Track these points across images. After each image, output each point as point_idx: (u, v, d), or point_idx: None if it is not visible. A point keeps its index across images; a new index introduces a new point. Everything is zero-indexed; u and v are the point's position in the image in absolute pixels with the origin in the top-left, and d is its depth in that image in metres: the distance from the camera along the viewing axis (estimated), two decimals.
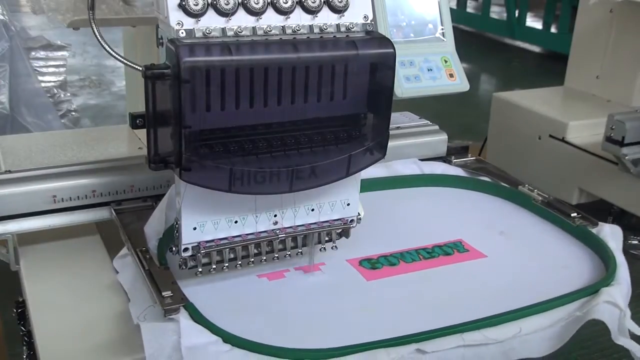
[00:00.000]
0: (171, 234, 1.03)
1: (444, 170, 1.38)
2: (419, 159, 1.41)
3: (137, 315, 0.86)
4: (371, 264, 1.05)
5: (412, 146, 1.42)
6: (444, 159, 1.43)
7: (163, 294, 0.85)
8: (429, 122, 1.52)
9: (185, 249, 0.90)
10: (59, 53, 3.66)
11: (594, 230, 1.13)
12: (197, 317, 0.84)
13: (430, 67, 1.22)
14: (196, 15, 0.80)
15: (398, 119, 1.51)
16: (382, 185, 1.31)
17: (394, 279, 1.02)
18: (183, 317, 0.83)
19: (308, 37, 0.86)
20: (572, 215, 1.16)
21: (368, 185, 1.19)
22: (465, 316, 0.89)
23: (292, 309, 0.94)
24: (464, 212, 1.26)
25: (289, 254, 0.99)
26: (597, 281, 1.00)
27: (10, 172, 1.14)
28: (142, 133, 1.19)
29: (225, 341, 0.81)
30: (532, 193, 1.26)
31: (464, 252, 1.10)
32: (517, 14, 6.07)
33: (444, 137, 1.46)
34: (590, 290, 0.96)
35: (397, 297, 0.98)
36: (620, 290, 0.96)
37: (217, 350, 0.80)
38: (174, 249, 0.91)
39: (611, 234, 1.11)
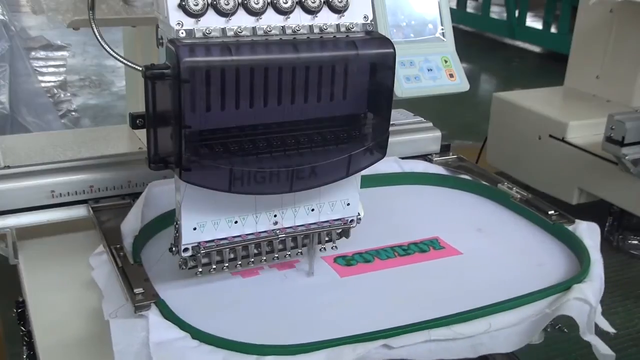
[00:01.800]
0: (146, 233, 1.04)
1: (425, 169, 1.38)
2: (413, 157, 1.41)
3: (109, 312, 0.86)
4: (346, 261, 1.05)
5: (407, 143, 1.42)
6: (425, 157, 1.43)
7: (135, 290, 0.86)
8: (423, 119, 1.52)
9: (185, 249, 0.90)
10: (59, 53, 3.66)
11: (571, 228, 1.13)
12: (168, 313, 0.84)
13: (430, 67, 1.22)
14: (196, 15, 0.80)
15: (393, 116, 1.51)
16: (362, 184, 1.30)
17: (368, 275, 1.02)
18: (153, 313, 0.83)
19: (308, 37, 0.86)
20: (550, 212, 1.17)
21: None
22: (436, 312, 0.88)
23: (264, 306, 0.94)
24: (443, 209, 1.26)
25: (289, 254, 0.99)
26: (569, 278, 1.00)
27: (9, 167, 1.15)
28: (142, 133, 1.19)
29: (193, 337, 0.82)
30: (511, 191, 1.26)
31: (440, 249, 1.10)
32: (517, 14, 6.07)
33: (438, 134, 1.46)
34: (563, 287, 0.96)
35: (369, 293, 0.98)
36: (592, 287, 0.96)
37: (185, 346, 0.80)
38: (174, 249, 0.91)
39: (587, 231, 1.11)
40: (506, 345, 0.89)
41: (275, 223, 0.94)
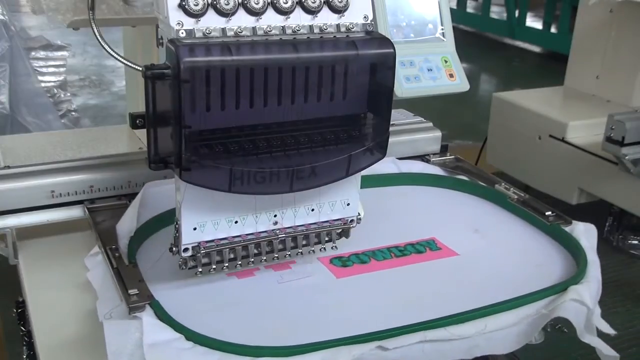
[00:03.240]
0: (142, 233, 1.04)
1: (422, 169, 1.38)
2: (412, 157, 1.41)
3: (103, 314, 0.86)
4: (342, 262, 1.05)
5: (407, 143, 1.42)
6: (423, 158, 1.43)
7: (129, 291, 0.86)
8: (423, 119, 1.52)
9: (186, 249, 0.90)
10: (59, 53, 3.66)
11: (568, 229, 1.12)
12: (162, 314, 0.84)
13: (430, 67, 1.22)
14: (196, 15, 0.80)
15: (393, 116, 1.51)
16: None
17: (364, 276, 1.02)
18: (147, 314, 0.83)
19: (308, 37, 0.86)
20: (547, 213, 1.16)
21: None
22: (433, 314, 0.88)
23: (260, 307, 0.93)
24: (440, 210, 1.26)
25: (289, 254, 0.99)
26: (566, 279, 1.00)
27: (9, 167, 1.15)
28: (142, 133, 1.19)
29: (187, 339, 0.81)
30: (508, 192, 1.25)
31: (437, 250, 1.10)
32: (517, 14, 6.07)
33: (438, 134, 1.46)
34: (559, 289, 0.96)
35: (365, 294, 0.98)
36: (589, 288, 0.95)
37: (179, 348, 0.80)
38: (174, 249, 0.91)
39: (585, 232, 1.10)
40: (502, 346, 0.89)
41: (275, 223, 0.94)
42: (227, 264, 0.94)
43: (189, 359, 0.79)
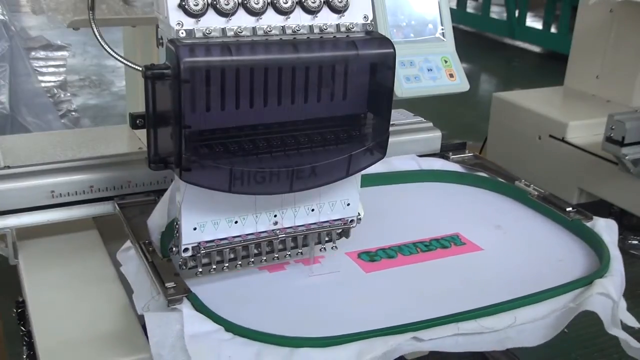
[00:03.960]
0: (173, 228, 1.04)
1: (442, 166, 1.40)
2: (428, 155, 1.43)
3: (141, 306, 0.88)
4: (370, 257, 1.06)
5: (407, 143, 1.43)
6: (442, 155, 1.44)
7: (166, 285, 0.86)
8: (423, 119, 1.53)
9: (186, 249, 0.90)
10: (59, 53, 3.66)
11: (589, 224, 1.14)
12: (200, 307, 0.85)
13: (430, 67, 1.22)
14: (196, 15, 0.80)
15: (393, 116, 1.51)
16: (381, 181, 1.32)
17: (392, 271, 1.04)
18: (186, 307, 0.84)
19: (308, 37, 0.86)
20: (568, 209, 1.18)
21: (367, 181, 1.21)
22: (461, 306, 0.90)
23: (292, 300, 0.95)
24: (462, 206, 1.28)
25: (289, 254, 0.99)
26: (589, 273, 1.01)
27: (9, 167, 1.15)
28: (142, 133, 1.19)
29: (227, 330, 0.83)
30: (528, 188, 1.27)
31: (461, 245, 1.12)
32: (517, 14, 6.08)
33: (438, 134, 1.47)
34: (584, 282, 0.98)
35: (395, 288, 1.00)
36: (613, 282, 0.97)
37: (219, 339, 0.81)
38: (174, 249, 0.91)
39: (606, 228, 1.12)
40: (532, 339, 0.91)
41: (275, 223, 0.94)
42: (227, 264, 0.94)
43: (229, 349, 0.81)
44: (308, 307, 0.94)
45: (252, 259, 0.95)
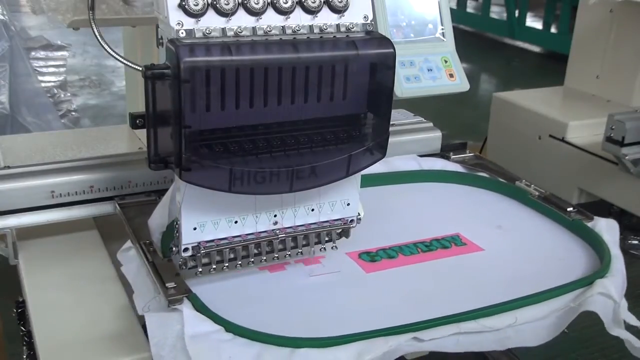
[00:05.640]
0: (174, 228, 1.04)
1: (443, 166, 1.40)
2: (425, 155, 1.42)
3: (141, 307, 0.88)
4: (370, 257, 1.06)
5: (407, 143, 1.43)
6: (443, 155, 1.44)
7: (167, 285, 0.87)
8: (423, 119, 1.53)
9: (186, 249, 0.90)
10: (59, 53, 3.66)
11: (590, 224, 1.14)
12: (200, 307, 0.85)
13: (430, 67, 1.22)
14: (196, 15, 0.80)
15: (393, 116, 1.51)
16: (382, 181, 1.32)
17: (393, 271, 1.04)
18: (186, 307, 0.84)
19: (308, 37, 0.86)
20: (568, 209, 1.18)
21: (368, 181, 1.21)
22: (462, 307, 0.90)
23: (292, 300, 0.95)
24: (462, 207, 1.28)
25: (289, 254, 0.99)
26: (590, 273, 1.01)
27: (9, 167, 1.15)
28: (142, 133, 1.19)
29: (227, 330, 0.83)
30: (529, 188, 1.27)
31: (462, 245, 1.12)
32: (517, 14, 6.08)
33: (438, 134, 1.47)
34: (585, 282, 0.98)
35: (395, 288, 1.00)
36: (614, 282, 0.97)
37: (219, 339, 0.82)
38: (174, 249, 0.91)
39: (607, 228, 1.12)
40: (533, 339, 0.91)
41: (275, 223, 0.94)
42: (227, 264, 0.94)
43: (229, 350, 0.81)
44: (309, 308, 0.93)
45: (252, 259, 0.95)
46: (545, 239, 1.16)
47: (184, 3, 0.79)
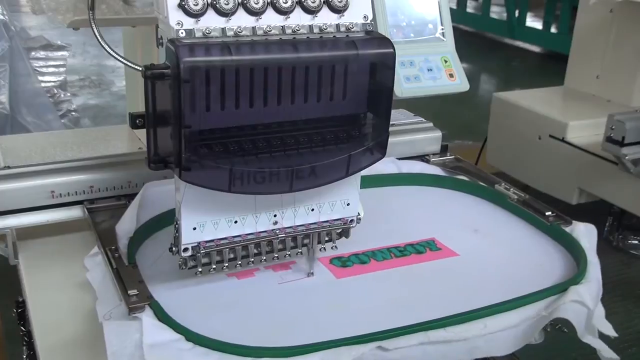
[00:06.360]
0: (141, 234, 1.04)
1: (422, 169, 1.37)
2: (411, 157, 1.41)
3: (102, 314, 0.86)
4: (342, 262, 1.05)
5: (407, 143, 1.42)
6: (423, 158, 1.43)
7: (129, 292, 0.85)
8: (423, 119, 1.52)
9: (185, 249, 0.90)
10: (59, 53, 3.66)
11: (568, 229, 1.12)
12: (162, 315, 0.84)
13: (430, 67, 1.22)
14: (196, 15, 0.80)
15: (393, 116, 1.51)
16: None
17: (364, 276, 1.02)
18: (147, 315, 0.83)
19: (308, 37, 0.86)
20: (547, 213, 1.16)
21: None
22: (432, 314, 0.88)
23: (260, 308, 0.93)
24: (440, 210, 1.26)
25: (289, 254, 0.99)
26: (566, 279, 0.99)
27: (9, 167, 1.15)
28: (142, 133, 1.19)
29: (187, 339, 0.81)
30: (508, 192, 1.25)
31: (436, 250, 1.10)
32: (517, 14, 6.08)
33: (438, 134, 1.46)
34: (559, 289, 0.96)
35: (365, 294, 0.98)
36: (589, 288, 0.95)
37: (179, 348, 0.80)
38: (173, 249, 0.91)
39: (585, 233, 1.10)
40: (502, 348, 0.89)
41: (275, 223, 0.94)
42: (227, 264, 0.94)
43: (189, 359, 0.79)
44: (275, 315, 0.92)
45: (252, 259, 0.95)
46: (522, 243, 1.13)
47: (183, 3, 0.79)
